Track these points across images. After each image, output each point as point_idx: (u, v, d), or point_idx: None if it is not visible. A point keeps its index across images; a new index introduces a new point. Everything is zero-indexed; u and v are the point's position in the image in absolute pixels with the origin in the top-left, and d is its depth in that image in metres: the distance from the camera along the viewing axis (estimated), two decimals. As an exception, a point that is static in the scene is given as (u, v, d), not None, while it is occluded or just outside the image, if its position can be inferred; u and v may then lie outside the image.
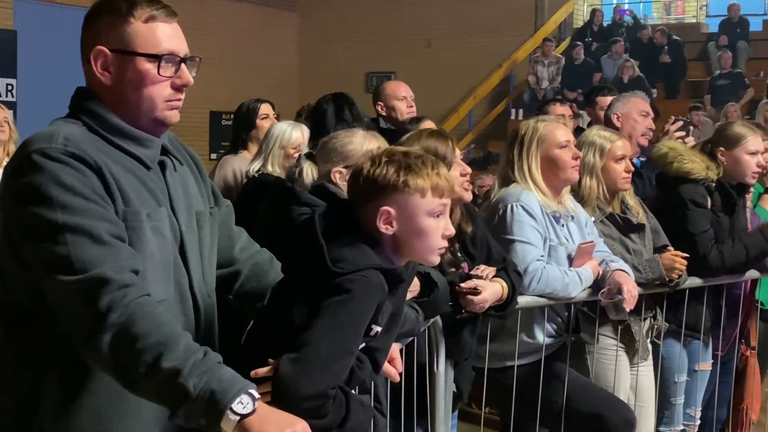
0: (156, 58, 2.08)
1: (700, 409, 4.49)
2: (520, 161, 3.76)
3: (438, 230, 2.19)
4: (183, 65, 2.13)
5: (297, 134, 4.52)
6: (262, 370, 2.04)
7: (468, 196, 3.36)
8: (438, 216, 2.19)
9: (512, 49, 15.71)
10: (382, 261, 2.14)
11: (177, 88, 2.12)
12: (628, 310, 3.71)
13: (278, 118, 5.46)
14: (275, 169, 4.47)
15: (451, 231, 2.22)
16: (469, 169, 3.40)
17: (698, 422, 4.50)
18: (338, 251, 2.10)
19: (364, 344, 2.18)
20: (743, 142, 4.33)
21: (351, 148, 3.01)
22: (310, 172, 3.04)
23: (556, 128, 3.77)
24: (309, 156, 3.12)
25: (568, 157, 3.73)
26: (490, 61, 15.63)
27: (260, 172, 4.53)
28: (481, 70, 15.62)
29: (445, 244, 2.23)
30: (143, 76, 2.09)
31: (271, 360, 2.05)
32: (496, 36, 15.70)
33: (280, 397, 2.01)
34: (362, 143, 3.00)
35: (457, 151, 3.35)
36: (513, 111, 15.27)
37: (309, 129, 4.61)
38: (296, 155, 4.36)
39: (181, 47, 2.13)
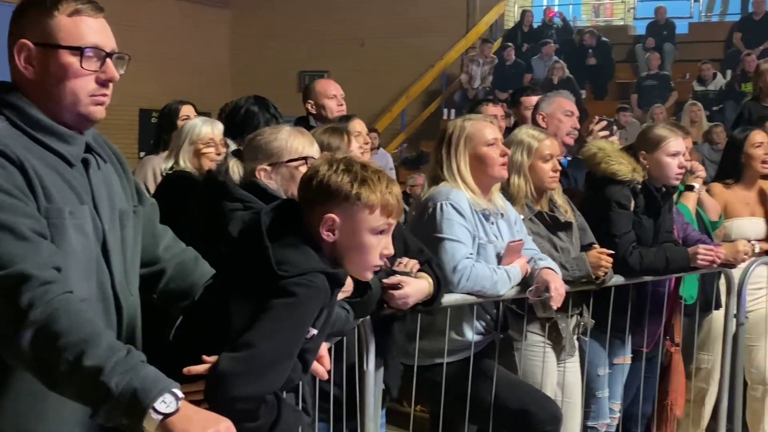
0: (79, 51, 2.06)
1: (619, 402, 4.56)
2: (449, 160, 3.78)
3: (377, 248, 2.19)
4: (108, 60, 2.10)
5: (207, 129, 4.47)
6: (197, 368, 2.01)
7: None
8: (380, 234, 2.19)
9: (444, 49, 15.81)
10: (325, 265, 2.13)
11: (102, 83, 2.09)
12: (555, 307, 3.75)
13: None
14: (186, 164, 4.42)
15: (390, 251, 2.23)
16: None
17: (618, 415, 4.56)
18: (283, 253, 2.09)
19: None
20: (663, 144, 4.37)
21: (276, 145, 2.97)
22: (236, 170, 3.01)
23: (483, 127, 3.80)
24: (236, 153, 3.09)
25: (495, 154, 3.76)
26: (423, 61, 15.71)
27: (173, 168, 4.48)
28: (414, 70, 15.68)
29: (382, 263, 2.23)
30: (65, 70, 2.05)
31: (205, 358, 2.03)
32: (428, 36, 15.78)
33: (215, 396, 1.98)
34: (287, 140, 2.97)
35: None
36: (445, 111, 15.36)
37: (227, 126, 4.55)
38: (206, 151, 4.36)
39: (108, 42, 2.10)
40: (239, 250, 2.18)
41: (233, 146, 3.34)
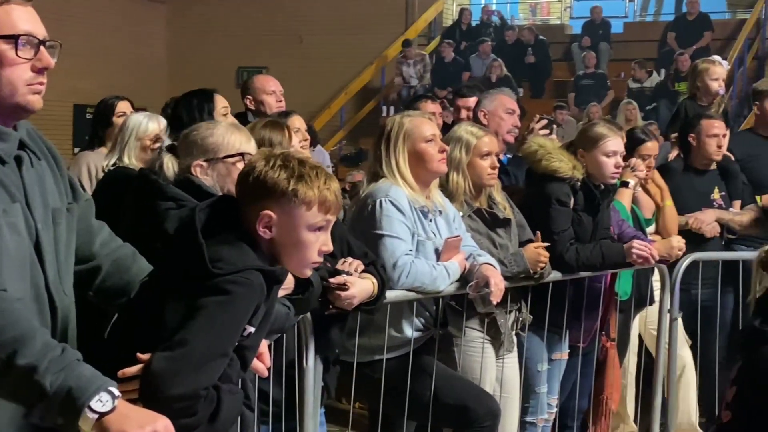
0: (13, 39, 2.02)
1: (556, 397, 4.61)
2: (388, 156, 3.78)
3: (316, 245, 2.18)
4: (42, 47, 2.06)
5: (153, 125, 4.42)
6: (131, 370, 1.99)
7: None
8: (319, 230, 2.18)
9: (384, 46, 15.83)
10: (262, 262, 2.12)
11: (38, 71, 2.06)
12: (495, 302, 3.78)
13: None
14: (132, 161, 4.36)
15: (329, 248, 2.22)
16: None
17: (555, 410, 4.61)
18: (217, 250, 2.07)
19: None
20: (601, 143, 4.40)
21: (212, 141, 2.94)
22: (171, 166, 2.96)
23: (421, 123, 3.81)
24: (170, 149, 3.05)
25: (434, 150, 3.77)
26: (362, 57, 15.72)
27: (116, 165, 4.42)
28: (353, 67, 15.68)
29: (320, 259, 2.22)
30: (0, 59, 2.01)
31: (140, 356, 2.00)
32: (367, 33, 15.79)
33: (150, 395, 1.96)
34: (224, 136, 2.94)
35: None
36: (384, 108, 15.37)
37: (172, 122, 4.50)
38: (153, 147, 4.29)
39: (39, 30, 2.07)
40: (174, 247, 2.16)
41: (167, 141, 3.28)
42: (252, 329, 2.14)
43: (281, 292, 2.52)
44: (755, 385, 2.91)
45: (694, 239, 5.29)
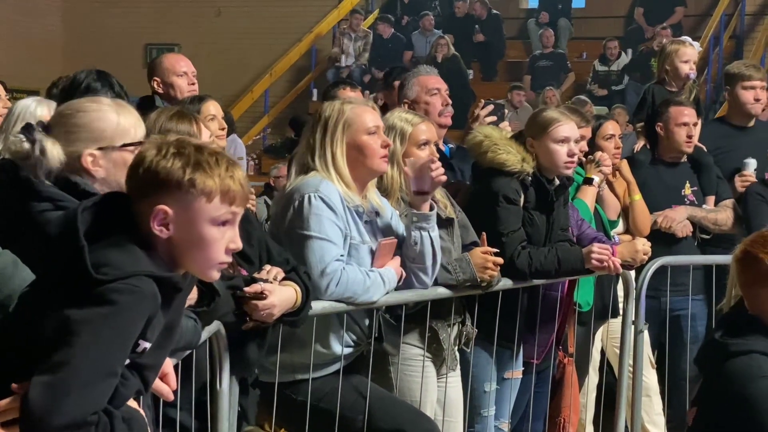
0: None
1: (508, 421, 4.64)
2: (323, 147, 3.77)
3: (221, 242, 2.17)
4: None
5: (43, 111, 4.35)
6: (4, 402, 1.96)
7: None
8: (224, 225, 2.17)
9: (314, 20, 15.82)
10: (156, 267, 2.10)
11: None
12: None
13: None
14: None
15: (238, 245, 2.21)
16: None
17: (507, 435, 4.65)
18: (103, 254, 2.05)
19: (128, 361, 2.14)
20: (550, 129, 4.41)
21: (104, 127, 2.81)
22: (55, 153, 2.78)
23: (364, 112, 3.81)
24: (45, 129, 2.77)
25: (377, 144, 3.78)
26: (289, 34, 15.68)
27: (1, 156, 4.35)
28: (279, 45, 15.64)
29: (229, 259, 2.21)
30: None
31: (15, 386, 1.98)
32: (295, 6, 15.77)
33: (31, 428, 1.94)
34: (117, 120, 2.82)
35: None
36: (315, 91, 15.36)
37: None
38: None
39: None
40: (53, 253, 2.14)
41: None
42: (147, 345, 2.13)
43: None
44: (718, 405, 2.95)
45: (665, 240, 5.38)
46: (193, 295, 2.74)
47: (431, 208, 3.96)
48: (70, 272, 2.05)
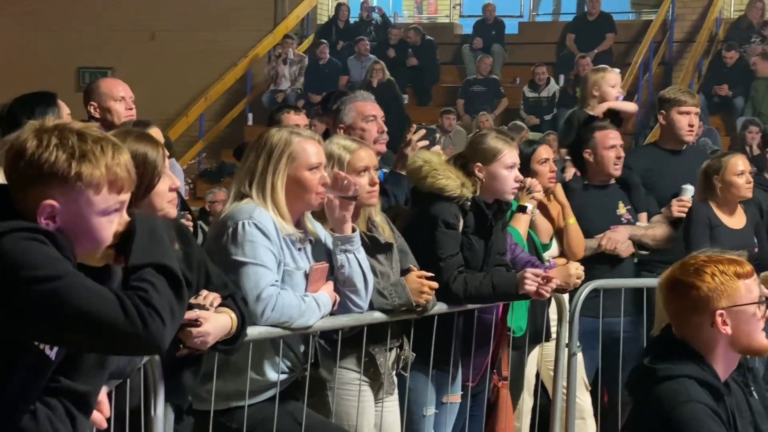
0: None
1: (447, 446, 4.66)
2: (263, 176, 3.72)
3: (110, 229, 2.14)
4: None
5: None
6: None
7: (174, 213, 3.30)
8: (114, 213, 2.14)
9: (249, 45, 15.80)
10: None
11: None
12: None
13: None
14: None
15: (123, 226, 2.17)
16: (178, 183, 3.34)
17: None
18: None
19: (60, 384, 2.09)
20: (500, 156, 4.50)
21: None
22: None
23: (310, 146, 3.76)
24: None
25: (316, 181, 3.75)
26: (225, 58, 15.64)
27: None
28: (214, 68, 15.59)
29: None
30: None
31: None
32: (231, 30, 15.74)
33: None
34: None
35: (166, 162, 3.29)
36: (250, 116, 15.34)
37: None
38: None
39: None
40: None
41: None
42: (52, 353, 2.07)
43: None
44: (646, 430, 2.96)
45: (607, 261, 5.45)
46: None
47: (353, 230, 3.94)
48: None
